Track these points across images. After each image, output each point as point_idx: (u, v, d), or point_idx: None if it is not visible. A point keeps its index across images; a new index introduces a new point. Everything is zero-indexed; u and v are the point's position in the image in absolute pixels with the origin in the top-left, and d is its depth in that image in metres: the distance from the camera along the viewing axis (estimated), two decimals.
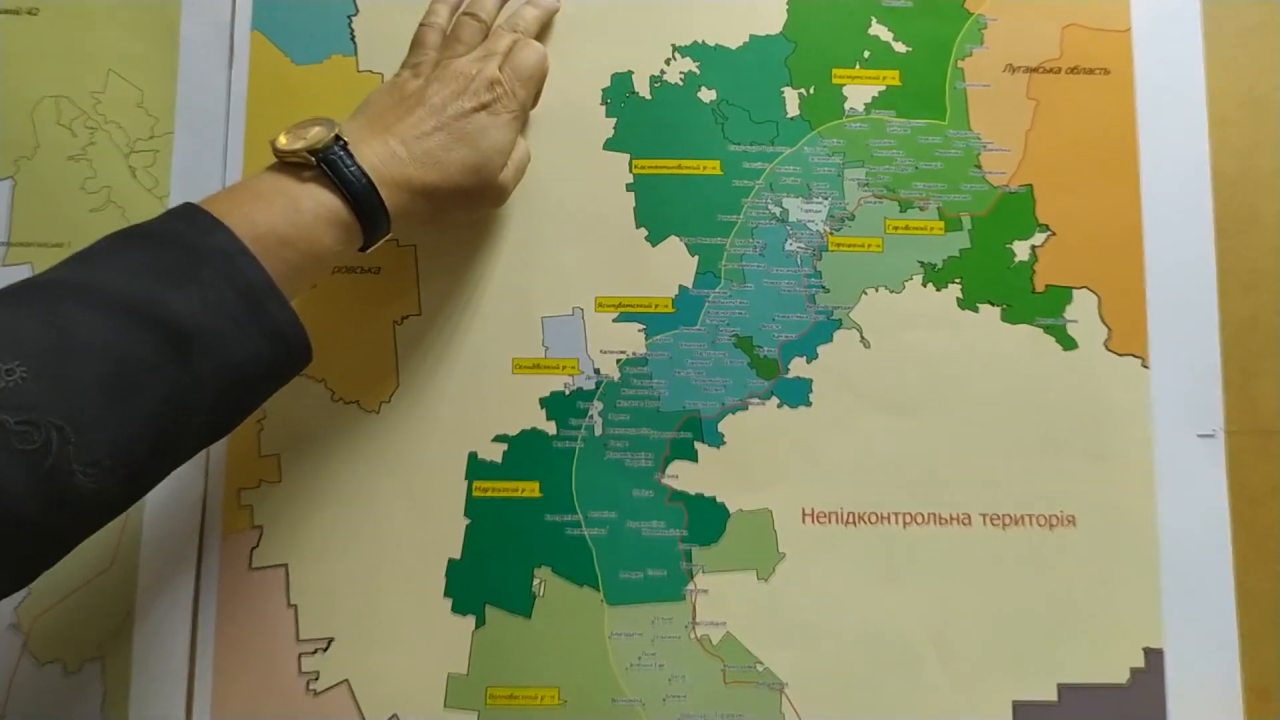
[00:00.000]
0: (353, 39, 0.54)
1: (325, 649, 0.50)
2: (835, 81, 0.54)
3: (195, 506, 0.51)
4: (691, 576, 0.51)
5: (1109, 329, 0.53)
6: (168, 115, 0.54)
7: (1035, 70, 0.55)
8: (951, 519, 0.51)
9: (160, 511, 0.51)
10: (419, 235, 0.53)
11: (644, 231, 0.53)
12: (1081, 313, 0.53)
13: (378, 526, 0.51)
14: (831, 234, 0.53)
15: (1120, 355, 0.53)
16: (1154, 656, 0.50)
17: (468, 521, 0.51)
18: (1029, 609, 0.50)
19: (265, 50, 0.54)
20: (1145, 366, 0.52)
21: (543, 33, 0.54)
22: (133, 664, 0.49)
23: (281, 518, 0.51)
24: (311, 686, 0.49)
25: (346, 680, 0.49)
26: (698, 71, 0.54)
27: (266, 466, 0.51)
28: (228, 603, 0.50)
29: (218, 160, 0.53)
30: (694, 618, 0.50)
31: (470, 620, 0.50)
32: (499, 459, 0.51)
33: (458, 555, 0.50)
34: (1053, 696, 0.50)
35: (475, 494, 0.51)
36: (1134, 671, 0.50)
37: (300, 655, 0.50)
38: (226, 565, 0.50)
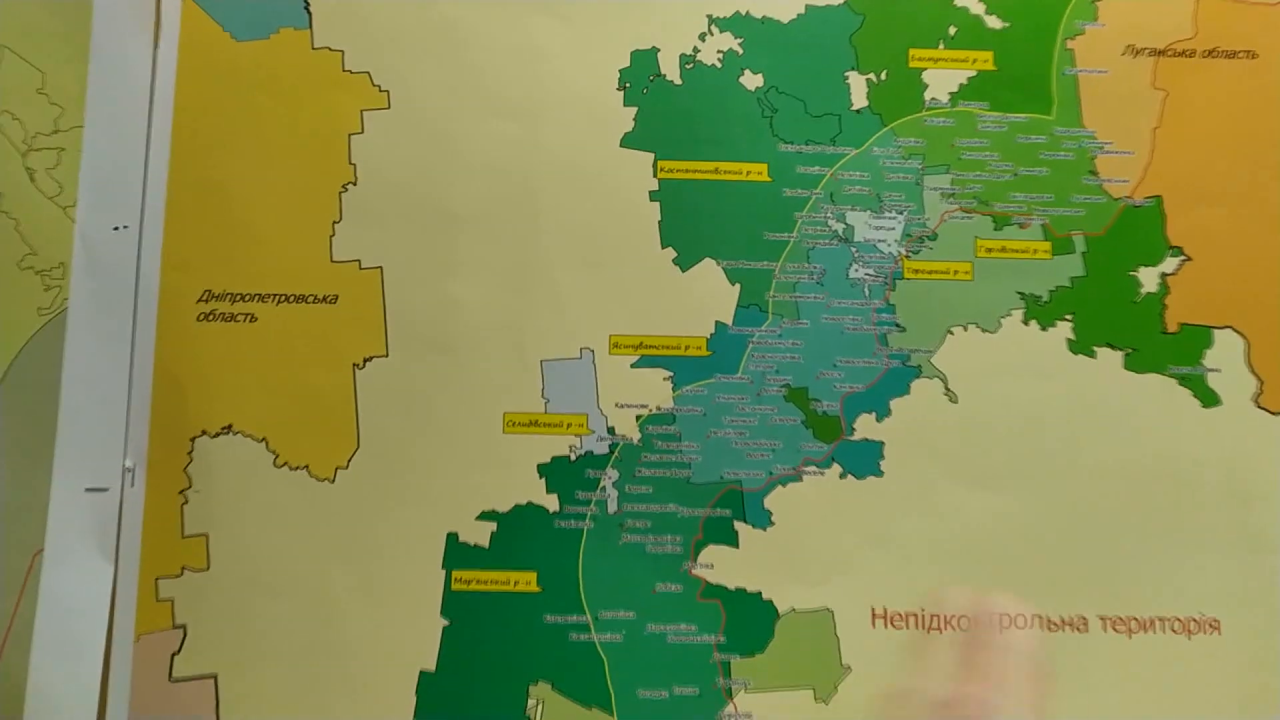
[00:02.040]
0: (307, 8, 0.46)
1: None
2: (913, 65, 0.47)
3: (101, 600, 0.43)
4: (730, 696, 0.43)
5: (1259, 380, 0.45)
6: (76, 104, 0.45)
7: (1163, 53, 0.47)
8: (1063, 623, 0.43)
9: (58, 604, 0.42)
10: (386, 253, 0.44)
11: (671, 253, 0.45)
12: (1225, 359, 0.45)
13: (332, 627, 0.43)
14: (908, 257, 0.46)
15: (1273, 413, 0.45)
16: None
17: (445, 623, 0.43)
18: None
19: (199, 23, 0.46)
20: None
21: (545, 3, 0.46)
22: None
23: (210, 615, 0.43)
24: None
25: None
26: (740, 50, 0.46)
27: (191, 550, 0.43)
28: None
29: (137, 161, 0.45)
30: None
31: None
32: (485, 542, 0.43)
33: (432, 666, 0.43)
34: None
35: (455, 587, 0.43)
36: None
37: None
38: (141, 675, 0.43)
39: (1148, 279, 0.45)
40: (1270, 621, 0.43)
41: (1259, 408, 0.44)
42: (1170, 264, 0.45)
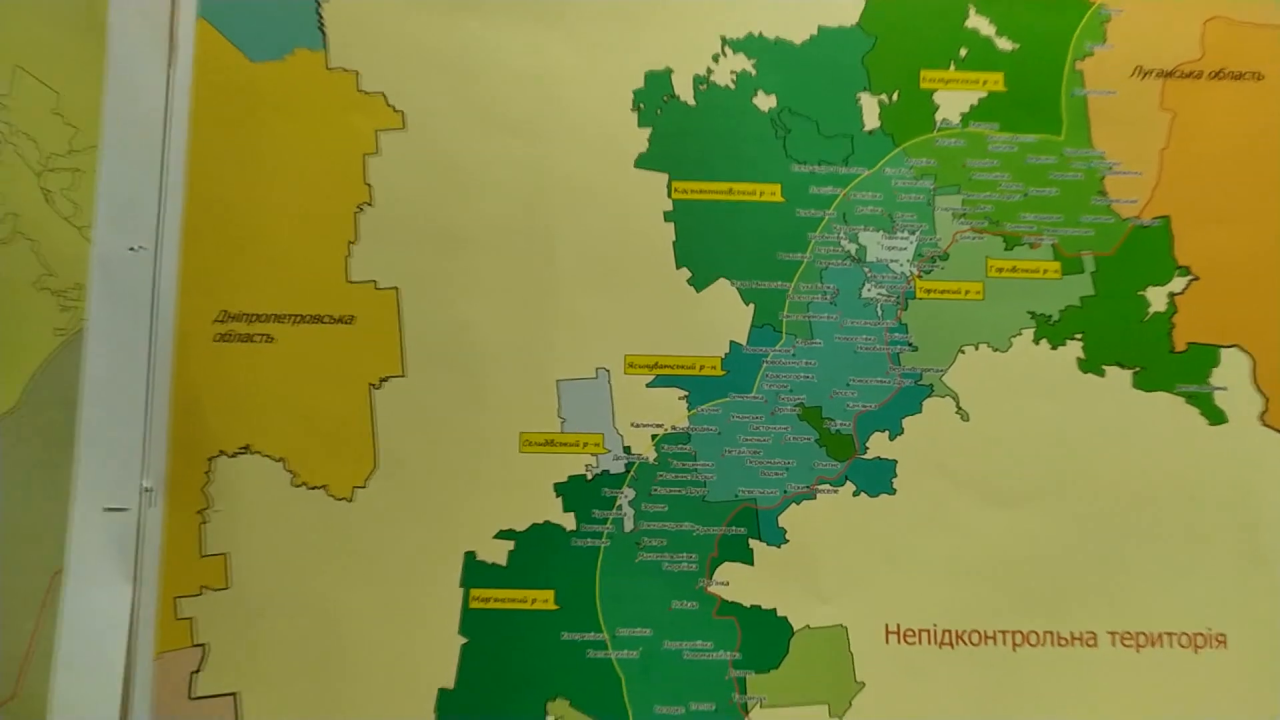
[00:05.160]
0: (321, 28, 0.48)
1: None
2: (924, 86, 0.49)
3: (121, 619, 0.45)
4: (746, 711, 0.45)
5: (1265, 398, 0.47)
6: (92, 125, 0.47)
7: (1171, 74, 0.49)
8: (1073, 639, 0.46)
9: (79, 624, 0.45)
10: (402, 274, 0.47)
11: (686, 273, 0.47)
12: (1231, 378, 0.47)
13: (351, 645, 0.45)
14: (920, 277, 0.48)
15: (1279, 431, 0.47)
16: None
17: (464, 641, 0.45)
18: None
19: (214, 44, 0.48)
20: None
21: (560, 17, 0.48)
22: None
23: (230, 634, 0.45)
24: None
25: None
26: (754, 71, 0.48)
27: (211, 569, 0.45)
28: None
29: (153, 181, 0.47)
30: None
31: None
32: (503, 561, 0.45)
33: (451, 684, 0.45)
34: None
35: (473, 605, 0.45)
36: None
37: None
38: (162, 693, 0.45)
39: (1156, 298, 0.47)
40: (1276, 636, 0.45)
41: (1265, 425, 0.47)
42: (1178, 283, 0.48)
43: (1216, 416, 0.47)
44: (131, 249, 0.46)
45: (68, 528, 0.45)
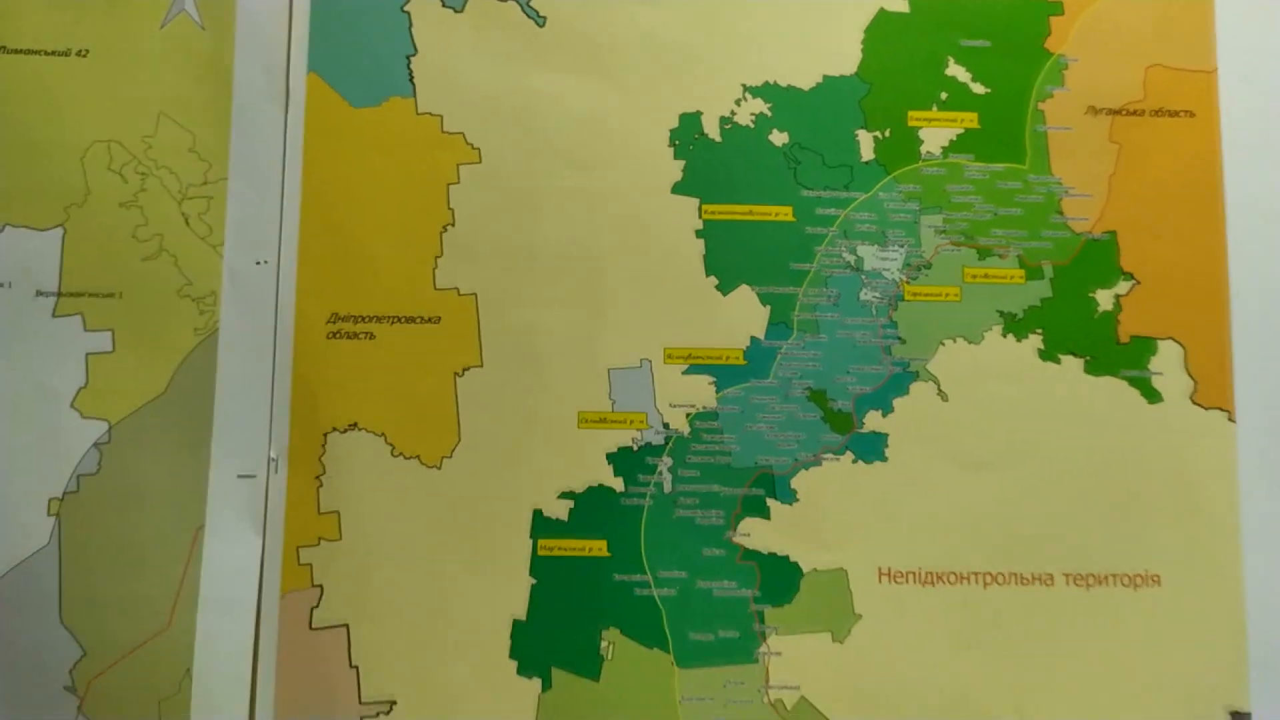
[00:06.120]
0: (411, 80, 0.56)
1: (387, 712, 0.51)
2: (911, 124, 0.55)
3: (253, 565, 0.52)
4: (764, 638, 0.52)
5: (1194, 381, 0.54)
6: (221, 160, 0.55)
7: (1118, 112, 0.56)
8: (1033, 579, 0.52)
9: (218, 570, 0.52)
10: (479, 282, 0.54)
11: (714, 280, 0.54)
12: (1167, 364, 0.54)
13: (441, 585, 0.52)
14: (908, 283, 0.54)
15: (1206, 409, 0.54)
16: None
17: (533, 581, 0.52)
18: (1112, 671, 0.52)
19: (322, 92, 0.56)
20: (1231, 420, 0.54)
21: (609, 68, 0.55)
22: None
23: (342, 576, 0.52)
24: None
25: None
26: (769, 113, 0.55)
27: (326, 524, 0.52)
28: (287, 663, 0.51)
29: (274, 206, 0.55)
30: (767, 681, 0.52)
31: (536, 683, 0.51)
32: (565, 516, 0.52)
33: (523, 616, 0.52)
34: None
35: (540, 553, 0.52)
36: None
37: (362, 718, 0.51)
38: (286, 625, 0.51)
39: (1104, 299, 0.54)
40: (1199, 575, 0.52)
41: (1194, 404, 0.53)
42: (1123, 287, 0.54)
43: (1154, 397, 0.53)
44: (257, 263, 0.53)
45: (207, 491, 0.52)
